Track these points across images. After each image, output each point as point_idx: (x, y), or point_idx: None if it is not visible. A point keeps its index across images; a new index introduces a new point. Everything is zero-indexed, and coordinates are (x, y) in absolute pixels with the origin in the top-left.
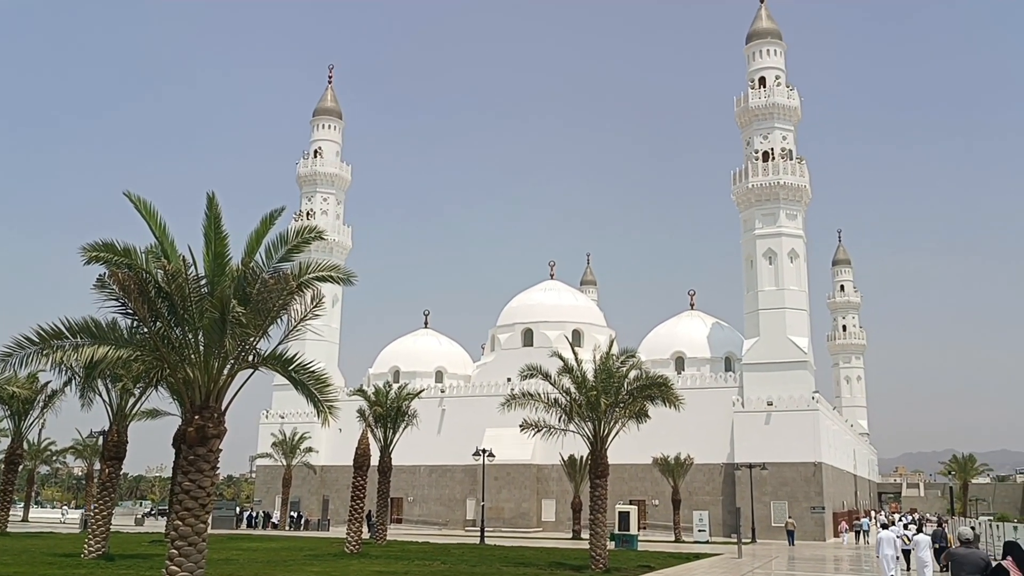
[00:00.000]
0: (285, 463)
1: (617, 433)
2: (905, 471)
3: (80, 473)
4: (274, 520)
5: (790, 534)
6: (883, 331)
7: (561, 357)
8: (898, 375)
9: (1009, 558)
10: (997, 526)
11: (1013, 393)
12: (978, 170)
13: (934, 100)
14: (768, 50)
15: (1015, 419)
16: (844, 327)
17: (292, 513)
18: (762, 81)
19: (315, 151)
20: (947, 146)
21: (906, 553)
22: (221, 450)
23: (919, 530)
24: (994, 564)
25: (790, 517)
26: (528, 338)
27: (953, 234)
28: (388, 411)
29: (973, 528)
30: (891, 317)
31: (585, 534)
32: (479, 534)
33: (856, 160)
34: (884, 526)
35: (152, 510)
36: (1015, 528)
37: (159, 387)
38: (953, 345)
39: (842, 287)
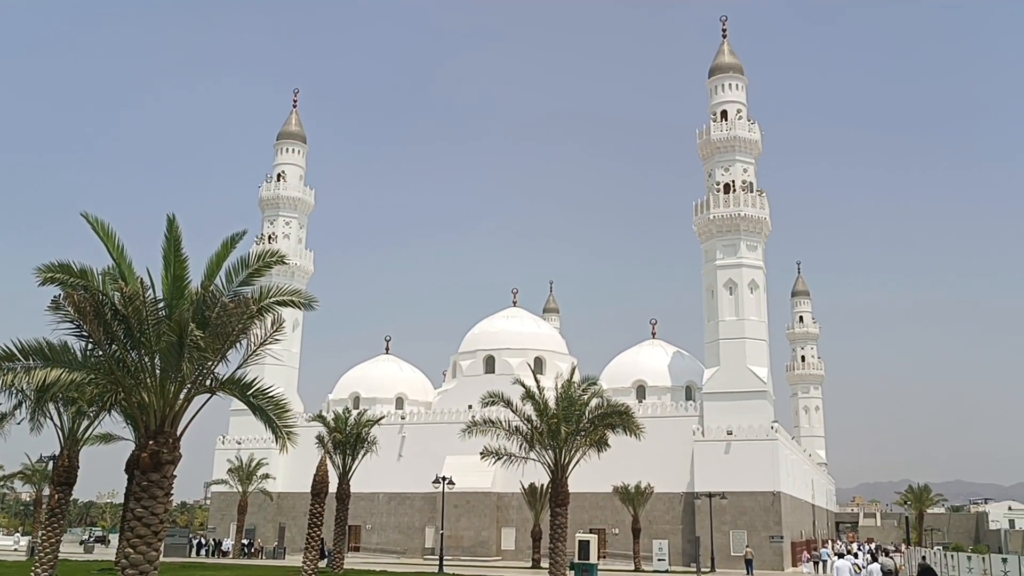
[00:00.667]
0: (241, 489)
1: (578, 461)
2: (862, 501)
3: (28, 499)
4: (224, 548)
5: (748, 563)
6: (841, 362)
7: (523, 384)
8: (856, 406)
9: None
10: (952, 556)
11: (967, 425)
12: (937, 207)
13: (895, 136)
14: (730, 84)
15: (969, 450)
16: (803, 358)
17: (244, 540)
18: (724, 114)
19: (278, 175)
20: (907, 182)
21: None
22: (175, 476)
23: (873, 559)
24: None
25: (749, 546)
26: (490, 365)
27: (910, 269)
28: (347, 437)
29: (893, 558)
30: (849, 348)
31: (545, 563)
32: (438, 563)
33: (816, 194)
34: (840, 555)
35: (90, 537)
36: (968, 558)
37: (113, 411)
38: (910, 377)
39: (801, 318)
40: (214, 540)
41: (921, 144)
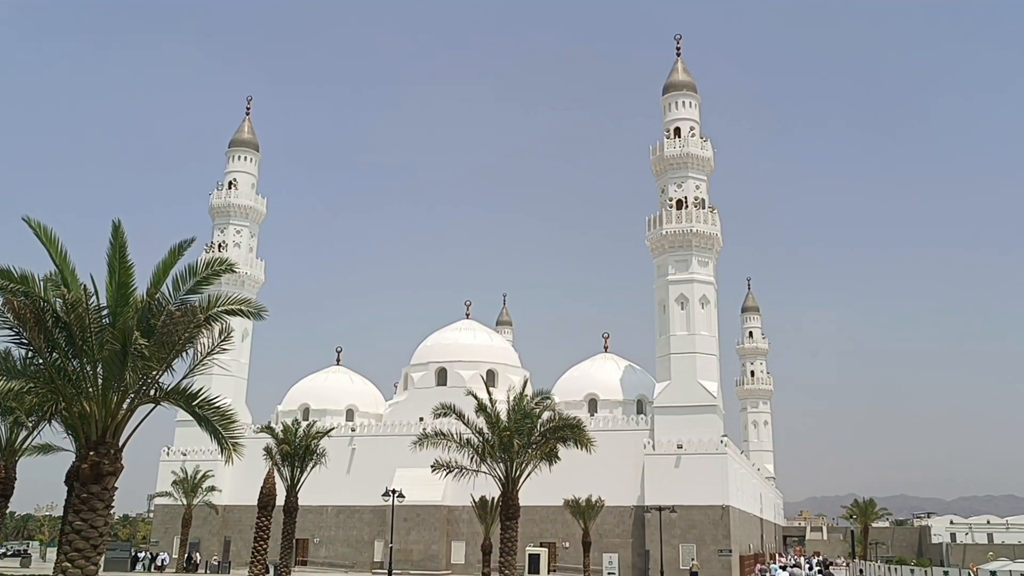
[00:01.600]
0: (185, 502)
1: (529, 474)
2: (809, 515)
3: None
4: (159, 562)
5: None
6: (790, 377)
7: (475, 396)
8: (803, 420)
9: None
10: (895, 569)
11: (912, 441)
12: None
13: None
14: (683, 102)
15: (913, 465)
16: (752, 373)
17: (196, 554)
18: (677, 131)
19: (230, 183)
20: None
21: None
22: (117, 488)
23: (820, 572)
24: None
25: (694, 559)
26: (442, 377)
27: (857, 286)
28: (296, 449)
29: (796, 566)
30: (797, 363)
31: None
32: None
33: (766, 211)
34: (783, 567)
35: (7, 550)
36: (911, 572)
37: (53, 421)
38: (856, 393)
39: (751, 333)
40: (150, 554)
41: (871, 161)
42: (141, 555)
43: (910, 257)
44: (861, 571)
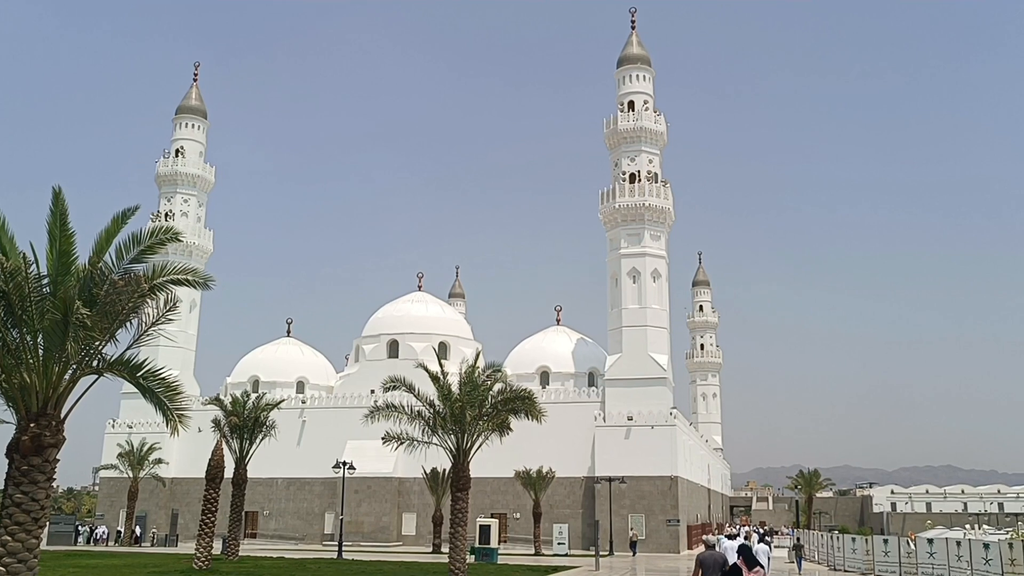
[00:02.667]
0: (132, 475)
1: (480, 446)
2: (756, 485)
3: None
4: (97, 535)
5: (633, 545)
6: (738, 350)
7: (427, 369)
8: (751, 393)
9: (740, 558)
10: (837, 538)
11: (855, 413)
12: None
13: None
14: (637, 75)
15: (856, 437)
16: (702, 346)
17: (136, 528)
18: (631, 105)
19: (176, 150)
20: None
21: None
22: (59, 460)
23: (760, 540)
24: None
25: (633, 528)
26: (394, 350)
27: (804, 260)
28: (245, 421)
29: (716, 537)
30: (746, 337)
31: (445, 548)
32: (337, 549)
33: (717, 186)
34: (730, 537)
35: None
36: (852, 540)
37: None
38: (802, 366)
39: (701, 307)
40: (89, 528)
41: (820, 138)
42: (81, 529)
43: (854, 234)
44: (798, 539)
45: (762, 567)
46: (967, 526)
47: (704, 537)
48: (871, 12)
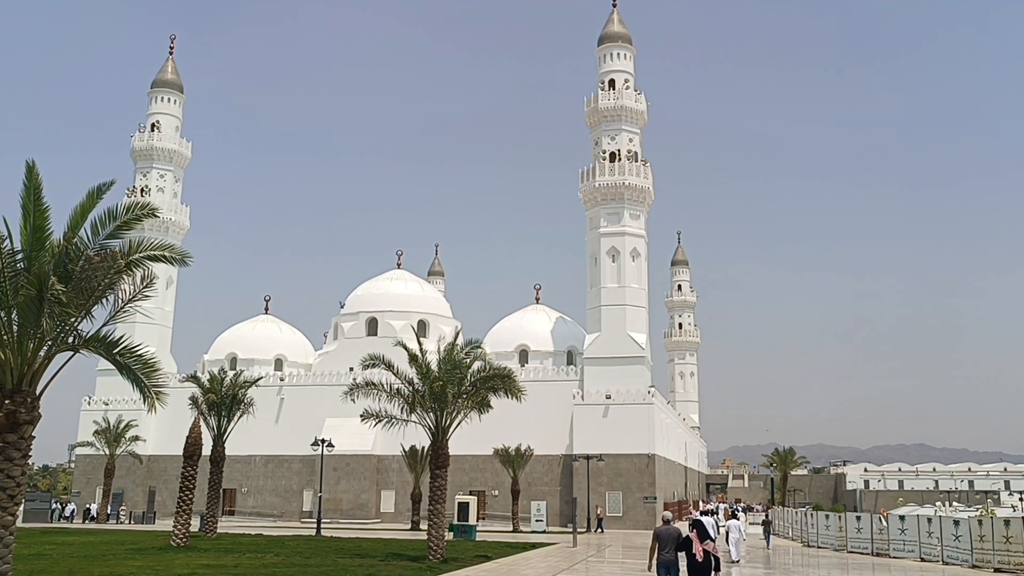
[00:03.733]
0: (108, 452)
1: (459, 424)
2: (732, 463)
3: None
4: (67, 513)
5: (599, 522)
6: (715, 329)
7: (405, 347)
8: (728, 372)
9: (694, 531)
10: (811, 515)
11: (829, 392)
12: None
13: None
14: (618, 53)
15: (830, 415)
16: (680, 325)
17: (112, 507)
18: (612, 83)
19: (152, 125)
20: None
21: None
22: (34, 437)
23: (733, 516)
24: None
25: (599, 506)
26: (373, 327)
27: (780, 241)
28: (223, 399)
29: (671, 513)
30: (723, 316)
31: (424, 525)
32: (315, 526)
33: (696, 166)
34: (704, 513)
35: None
36: (826, 516)
37: None
38: (778, 345)
39: (679, 287)
40: (60, 505)
41: (801, 122)
42: (53, 506)
43: (831, 213)
44: (767, 516)
45: (712, 540)
46: (938, 503)
47: (663, 514)
48: None
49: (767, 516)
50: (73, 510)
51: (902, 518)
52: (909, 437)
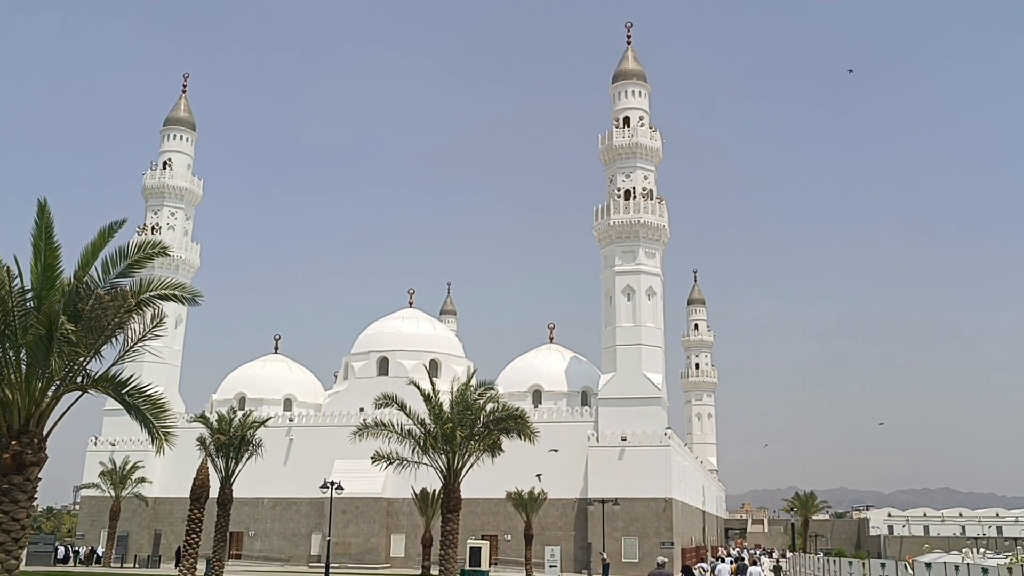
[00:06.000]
0: (114, 494)
1: (471, 466)
2: (751, 507)
3: None
4: (59, 555)
5: (605, 567)
6: (733, 370)
7: (418, 387)
8: (747, 413)
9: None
10: (834, 561)
11: (850, 434)
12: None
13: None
14: (633, 91)
15: (853, 458)
16: (697, 365)
17: (117, 551)
18: (626, 121)
19: (164, 163)
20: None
21: None
22: (40, 479)
23: (753, 563)
24: None
25: (603, 551)
26: (384, 367)
27: (802, 280)
28: (231, 440)
29: (665, 558)
30: (741, 357)
31: (435, 570)
32: (324, 570)
33: (712, 204)
34: (721, 559)
35: None
36: (849, 563)
37: None
38: (798, 387)
39: (696, 326)
40: (63, 548)
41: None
42: (66, 550)
43: (853, 250)
44: (778, 562)
45: None
46: (965, 550)
47: (658, 559)
48: (877, 17)
49: (777, 562)
50: (67, 552)
51: (928, 565)
52: (934, 481)
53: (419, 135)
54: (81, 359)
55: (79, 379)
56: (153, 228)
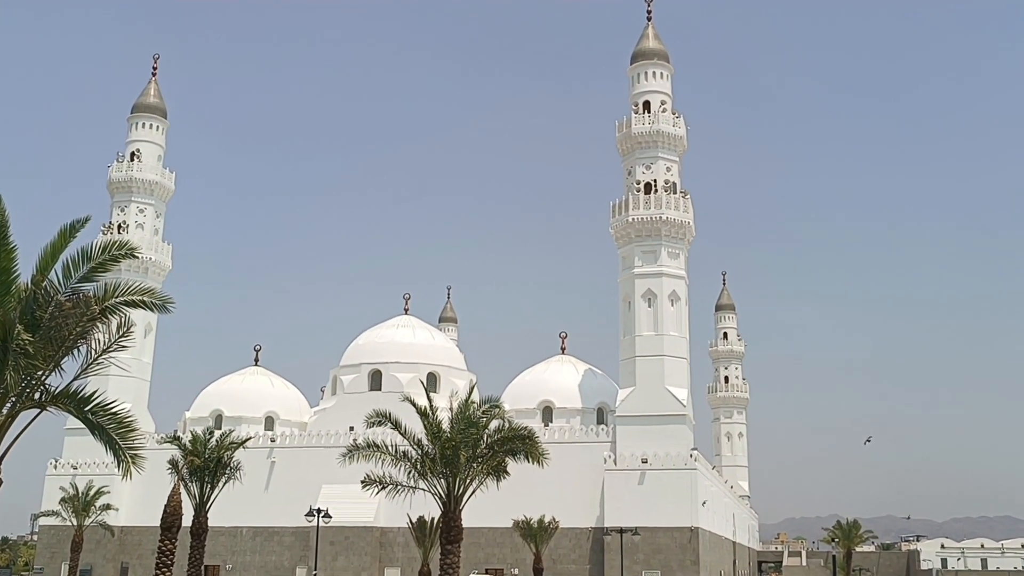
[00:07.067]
0: (76, 523)
1: (474, 492)
2: (787, 538)
3: None
4: None
5: None
6: (767, 384)
7: (414, 403)
8: (782, 433)
9: None
10: None
11: (899, 456)
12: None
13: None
14: (654, 72)
15: (902, 483)
16: (726, 378)
17: None
18: (646, 106)
19: (132, 154)
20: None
21: None
22: None
23: None
24: None
25: None
26: (376, 381)
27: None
28: (206, 462)
29: None
30: (776, 369)
31: None
32: None
33: (743, 197)
34: None
35: None
36: None
37: None
38: (840, 403)
39: (725, 335)
40: None
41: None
42: None
43: (902, 250)
44: None
45: None
46: None
47: None
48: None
49: None
50: None
51: None
52: (993, 508)
53: (415, 126)
54: (39, 373)
55: (37, 395)
56: (120, 227)
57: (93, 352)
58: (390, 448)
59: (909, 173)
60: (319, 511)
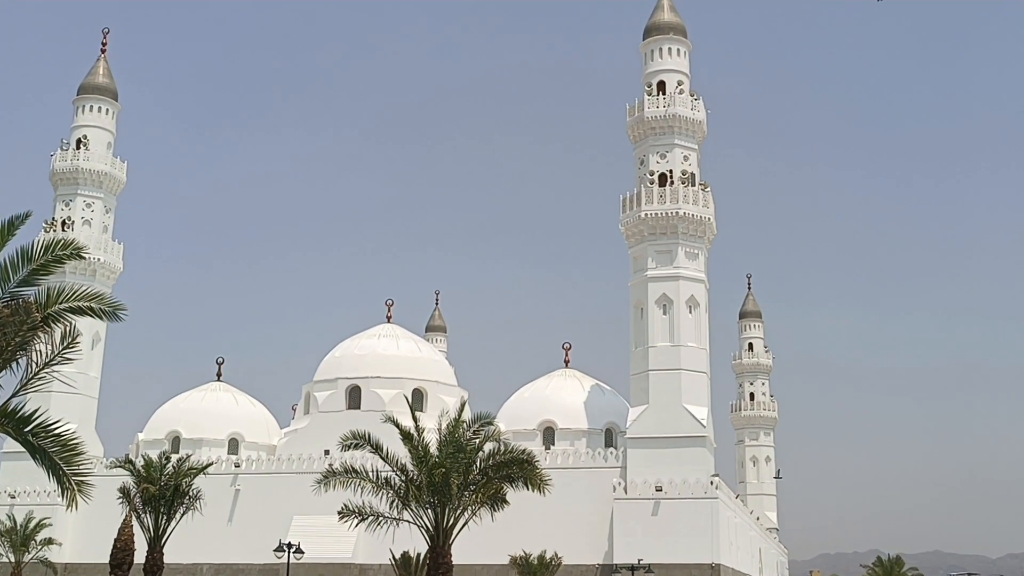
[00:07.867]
0: (13, 559)
1: (466, 524)
2: (821, 575)
3: None
4: None
5: None
6: (798, 402)
7: (397, 424)
8: (815, 457)
9: None
10: None
11: (947, 485)
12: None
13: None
14: (669, 49)
15: (951, 514)
16: (751, 395)
17: None
18: (661, 87)
19: (78, 140)
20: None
21: None
22: None
23: None
24: None
25: None
26: (355, 398)
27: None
28: (162, 491)
29: None
30: (807, 385)
31: None
32: None
33: (771, 191)
34: None
35: None
36: None
37: None
38: (880, 424)
39: (750, 346)
40: None
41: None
42: None
43: (955, 249)
44: None
45: None
46: None
47: None
48: None
49: None
50: None
51: None
52: None
53: (400, 113)
54: None
55: None
56: (64, 223)
57: (34, 365)
58: (370, 474)
59: (975, 168)
60: (290, 546)
